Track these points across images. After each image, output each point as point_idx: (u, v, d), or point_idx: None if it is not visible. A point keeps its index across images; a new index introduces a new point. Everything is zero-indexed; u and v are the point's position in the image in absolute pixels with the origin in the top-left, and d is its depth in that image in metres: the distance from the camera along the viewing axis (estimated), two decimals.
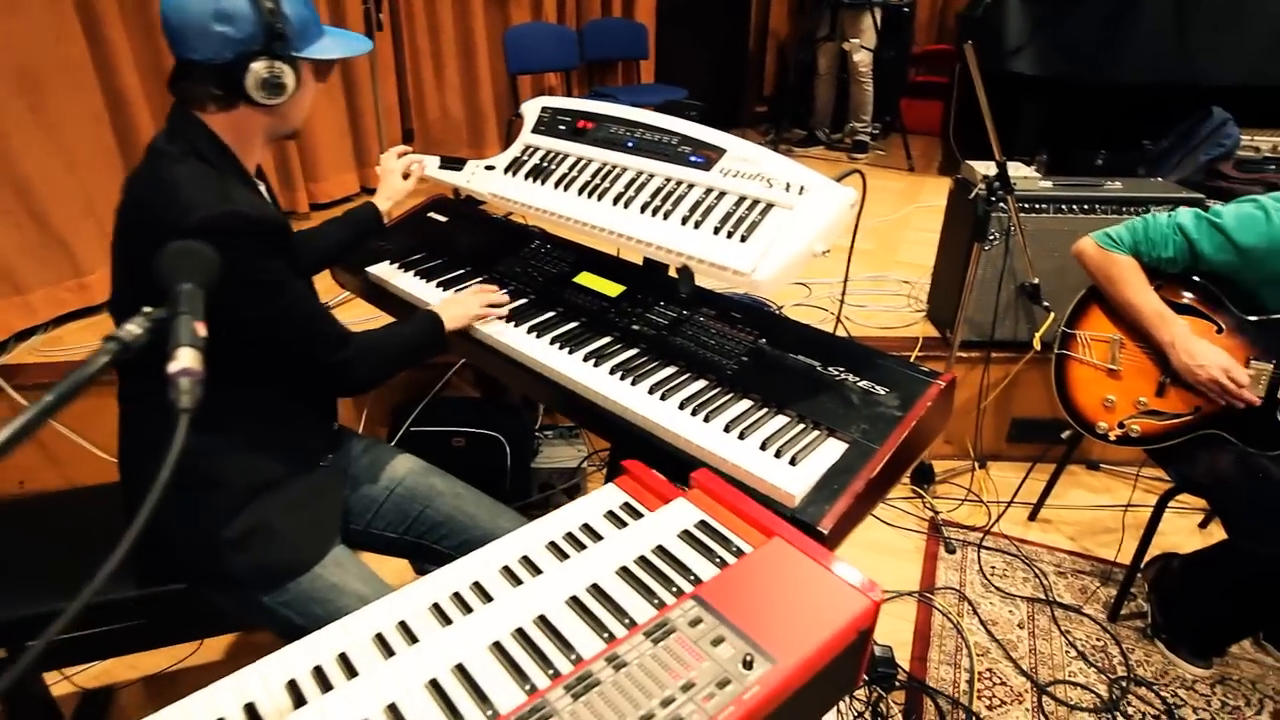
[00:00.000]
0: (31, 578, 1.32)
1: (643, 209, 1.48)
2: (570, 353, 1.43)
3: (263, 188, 1.26)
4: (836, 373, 1.29)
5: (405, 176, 1.72)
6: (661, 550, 0.95)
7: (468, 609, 0.92)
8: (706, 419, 1.24)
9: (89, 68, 2.50)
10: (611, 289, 1.59)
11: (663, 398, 1.29)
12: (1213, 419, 1.71)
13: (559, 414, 2.54)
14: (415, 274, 1.75)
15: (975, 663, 1.82)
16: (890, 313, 2.76)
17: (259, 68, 1.09)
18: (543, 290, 1.63)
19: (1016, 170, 2.35)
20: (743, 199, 1.39)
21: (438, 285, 1.70)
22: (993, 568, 2.13)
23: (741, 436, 1.19)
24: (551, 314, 1.55)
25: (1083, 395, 1.88)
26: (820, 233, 1.28)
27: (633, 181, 1.53)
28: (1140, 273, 1.75)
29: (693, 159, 1.48)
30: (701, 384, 1.33)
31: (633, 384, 1.33)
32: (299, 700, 0.82)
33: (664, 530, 0.99)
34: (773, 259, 1.27)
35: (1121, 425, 1.81)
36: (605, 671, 0.76)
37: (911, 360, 2.43)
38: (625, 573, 0.92)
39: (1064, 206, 2.29)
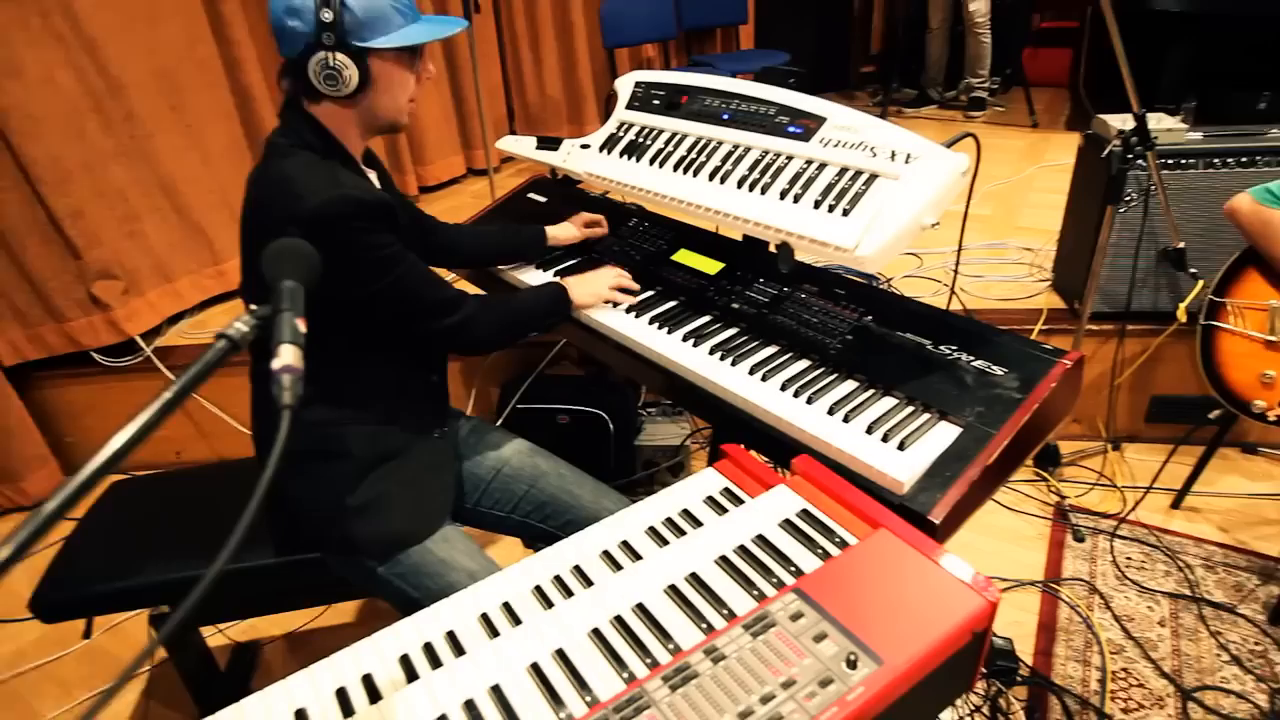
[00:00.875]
0: (187, 542, 1.45)
1: (740, 183, 1.43)
2: (669, 332, 1.41)
3: (374, 175, 1.30)
4: (949, 351, 1.21)
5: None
6: (762, 540, 0.93)
7: (569, 593, 0.93)
8: (809, 400, 1.19)
9: (219, 68, 2.68)
10: (710, 266, 1.56)
11: (763, 378, 1.26)
12: None
13: (661, 395, 2.54)
14: None
15: (1108, 661, 1.70)
16: (1011, 283, 2.58)
17: (318, 58, 1.11)
18: (641, 269, 1.62)
19: (1158, 122, 2.12)
20: (844, 170, 1.32)
21: (536, 267, 1.72)
22: (1128, 559, 1.97)
23: (846, 419, 1.14)
24: (650, 293, 1.54)
25: (1235, 370, 1.70)
26: (929, 203, 1.20)
27: (729, 155, 1.49)
28: None
29: (791, 129, 1.42)
30: (804, 364, 1.28)
31: (733, 364, 1.31)
32: (411, 674, 0.86)
33: (764, 519, 0.96)
34: (878, 233, 1.21)
35: None
36: (703, 664, 0.75)
37: (1034, 334, 2.29)
38: (724, 562, 0.90)
39: (1215, 160, 2.05)
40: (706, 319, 1.43)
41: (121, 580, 1.41)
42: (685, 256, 1.61)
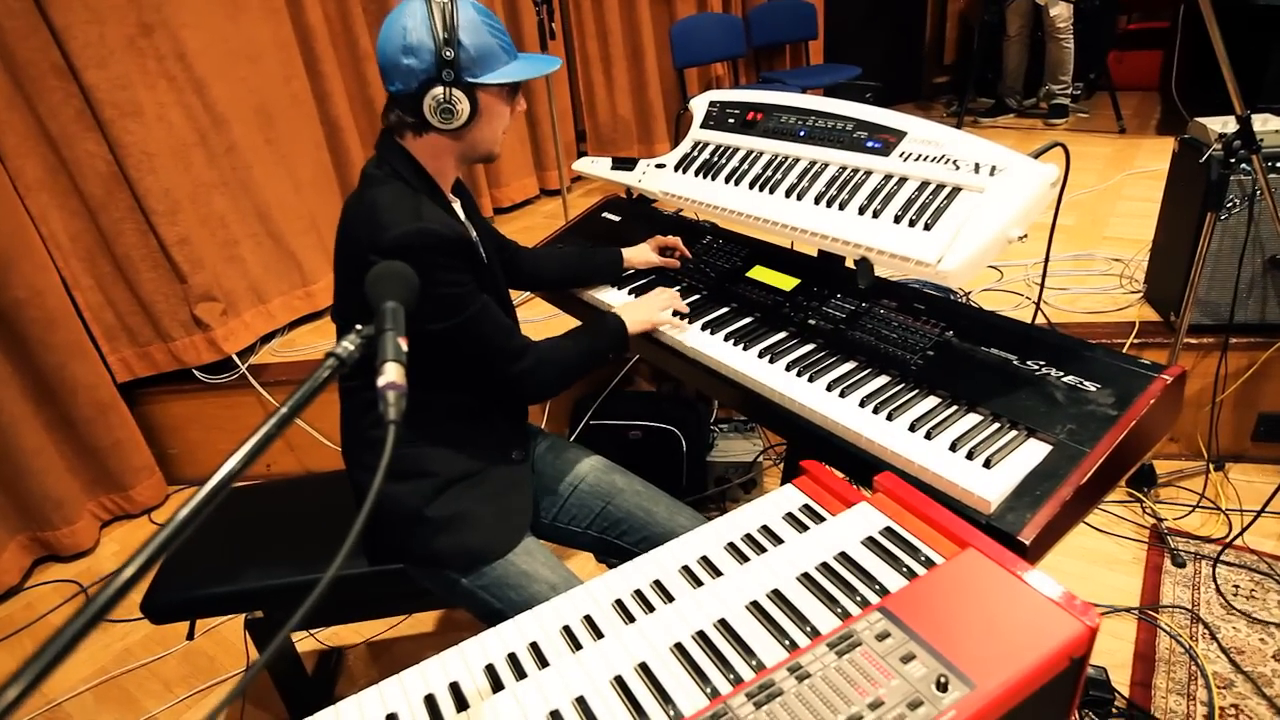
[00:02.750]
0: (279, 551, 1.52)
1: (817, 199, 1.43)
2: (745, 349, 1.41)
3: (458, 205, 1.35)
4: (1036, 367, 1.18)
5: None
6: (844, 557, 0.92)
7: (649, 608, 0.94)
8: (889, 417, 1.18)
9: (310, 101, 2.84)
10: (786, 283, 1.56)
11: (841, 395, 1.25)
12: None
13: (735, 411, 2.53)
14: None
15: (1216, 696, 1.59)
16: (1098, 295, 2.48)
17: (435, 94, 1.17)
18: (716, 286, 1.63)
19: (1264, 123, 2.01)
20: (926, 184, 1.30)
21: (612, 286, 1.75)
22: (1236, 587, 1.85)
23: (928, 436, 1.12)
24: (725, 310, 1.54)
25: None
26: (1016, 216, 1.17)
27: (806, 172, 1.49)
28: None
29: (869, 144, 1.41)
30: (883, 380, 1.26)
31: (810, 380, 1.30)
32: (496, 684, 0.88)
33: (847, 536, 0.95)
34: (961, 247, 1.18)
35: None
36: (788, 681, 0.75)
37: (1126, 348, 2.19)
38: (807, 579, 0.90)
39: None
40: (783, 335, 1.43)
41: (222, 586, 1.47)
42: (760, 273, 1.61)
